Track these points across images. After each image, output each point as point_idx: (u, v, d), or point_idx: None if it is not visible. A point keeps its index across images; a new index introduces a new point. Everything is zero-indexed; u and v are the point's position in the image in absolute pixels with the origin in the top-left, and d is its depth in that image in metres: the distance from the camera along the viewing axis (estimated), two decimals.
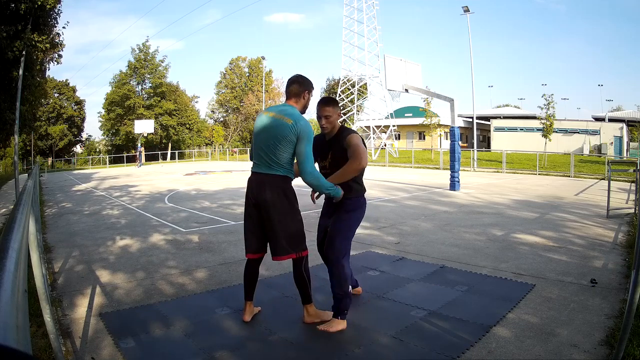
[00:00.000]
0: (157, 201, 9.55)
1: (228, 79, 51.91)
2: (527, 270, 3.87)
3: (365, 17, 30.80)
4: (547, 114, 21.52)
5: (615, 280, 3.55)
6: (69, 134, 43.49)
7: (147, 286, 3.63)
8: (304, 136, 2.53)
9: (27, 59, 8.94)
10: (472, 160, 19.69)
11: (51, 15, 9.51)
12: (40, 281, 2.09)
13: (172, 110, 41.78)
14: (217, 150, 41.33)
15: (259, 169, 2.63)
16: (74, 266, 4.31)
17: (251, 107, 46.78)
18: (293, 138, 2.52)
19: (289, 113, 2.58)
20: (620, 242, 5.00)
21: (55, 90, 41.71)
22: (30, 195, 2.73)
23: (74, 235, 5.93)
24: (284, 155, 2.56)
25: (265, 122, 2.61)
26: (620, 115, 35.88)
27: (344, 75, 32.94)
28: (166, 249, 4.97)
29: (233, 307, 3.11)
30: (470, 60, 35.98)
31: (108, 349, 2.49)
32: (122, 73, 40.98)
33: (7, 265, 0.95)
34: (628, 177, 13.53)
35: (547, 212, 7.22)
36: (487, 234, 5.50)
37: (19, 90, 8.61)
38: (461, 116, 33.93)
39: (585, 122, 33.76)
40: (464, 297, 3.25)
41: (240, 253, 4.70)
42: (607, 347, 2.38)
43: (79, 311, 3.09)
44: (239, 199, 9.51)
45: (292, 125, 2.51)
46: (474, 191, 10.65)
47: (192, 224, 6.51)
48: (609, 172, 7.91)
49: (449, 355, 2.34)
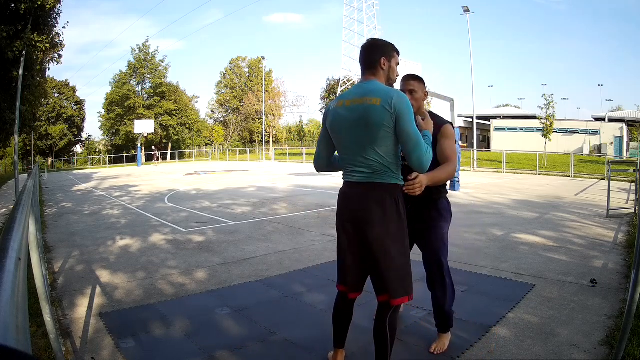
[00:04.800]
0: (157, 201, 9.55)
1: (228, 79, 51.92)
2: (527, 270, 3.87)
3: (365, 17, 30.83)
4: (547, 114, 21.56)
5: (615, 280, 3.55)
6: (69, 134, 43.49)
7: (147, 286, 3.63)
8: (404, 112, 1.82)
9: (27, 59, 8.94)
10: (472, 160, 19.69)
11: (51, 15, 9.51)
12: (40, 281, 2.09)
13: (172, 110, 41.79)
14: (217, 150, 41.34)
15: (356, 178, 1.95)
16: (74, 266, 4.31)
17: (251, 107, 46.76)
18: (390, 120, 1.82)
19: (371, 91, 1.89)
20: (620, 242, 5.00)
21: (55, 90, 41.70)
22: (30, 195, 2.73)
23: (74, 235, 5.93)
24: (389, 149, 1.88)
25: (345, 115, 1.93)
26: (620, 115, 35.88)
27: (344, 75, 32.97)
28: (166, 249, 4.97)
29: (233, 307, 3.11)
30: (470, 60, 36.00)
31: (108, 349, 2.49)
32: (122, 73, 40.99)
33: (7, 265, 0.95)
34: (628, 177, 13.51)
35: (547, 212, 7.22)
36: (487, 234, 5.49)
37: (19, 90, 8.61)
38: (461, 116, 33.92)
39: (585, 122, 33.76)
40: (464, 297, 3.24)
41: (239, 253, 4.70)
42: (607, 347, 2.38)
43: (79, 311, 3.09)
44: (239, 198, 9.52)
45: (384, 104, 1.83)
46: (474, 191, 10.65)
47: (192, 224, 6.51)
48: (609, 172, 7.91)
49: (449, 355, 2.34)
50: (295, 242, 5.22)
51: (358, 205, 1.93)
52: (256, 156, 36.23)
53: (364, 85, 1.96)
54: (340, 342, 2.20)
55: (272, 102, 46.18)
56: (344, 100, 1.97)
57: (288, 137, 52.85)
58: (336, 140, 2.03)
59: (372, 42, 2.06)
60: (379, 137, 1.85)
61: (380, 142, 1.86)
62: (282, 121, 51.75)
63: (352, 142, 1.93)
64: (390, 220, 1.90)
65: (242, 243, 5.18)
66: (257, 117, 47.53)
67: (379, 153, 1.88)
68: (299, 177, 15.83)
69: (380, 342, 1.98)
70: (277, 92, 47.74)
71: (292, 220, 6.77)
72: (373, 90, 1.89)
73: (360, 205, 1.92)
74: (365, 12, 30.85)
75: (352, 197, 1.97)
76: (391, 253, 1.90)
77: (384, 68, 1.99)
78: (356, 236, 1.96)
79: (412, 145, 1.84)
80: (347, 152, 1.98)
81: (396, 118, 1.83)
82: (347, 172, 2.01)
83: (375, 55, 1.98)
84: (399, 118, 1.82)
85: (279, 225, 6.30)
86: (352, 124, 1.91)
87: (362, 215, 1.91)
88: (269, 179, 15.04)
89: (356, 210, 1.94)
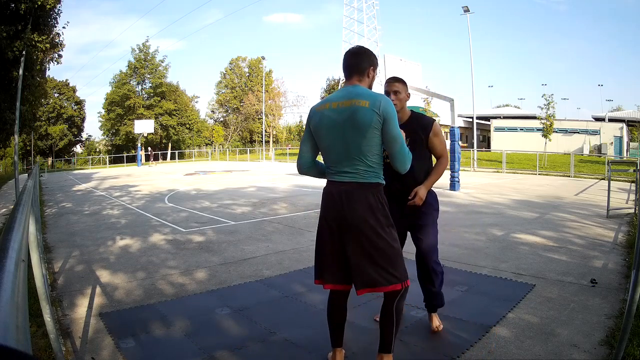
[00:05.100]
0: (157, 201, 9.55)
1: (228, 79, 51.91)
2: (527, 270, 3.87)
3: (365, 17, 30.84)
4: (547, 114, 21.55)
5: (615, 280, 3.55)
6: (69, 134, 43.47)
7: (147, 286, 3.63)
8: (391, 116, 1.93)
9: (27, 59, 8.94)
10: (472, 160, 19.70)
11: (51, 15, 9.52)
12: (40, 281, 2.09)
13: (172, 110, 41.79)
14: (217, 150, 41.34)
15: (341, 177, 2.01)
16: (74, 266, 4.31)
17: (251, 107, 46.76)
18: (378, 123, 1.92)
19: (359, 94, 1.97)
20: (620, 242, 5.00)
21: (55, 90, 41.68)
22: (30, 195, 2.73)
23: (74, 235, 5.93)
24: (373, 150, 1.96)
25: (332, 116, 1.99)
26: (620, 115, 35.88)
27: None
28: (166, 249, 4.97)
29: (233, 307, 3.11)
30: (470, 60, 36.00)
31: (108, 349, 2.49)
32: (122, 73, 40.99)
33: (7, 265, 0.95)
34: (628, 177, 13.52)
35: (547, 212, 7.22)
36: (487, 234, 5.49)
37: (19, 90, 8.61)
38: (461, 116, 33.92)
39: (585, 122, 33.77)
40: (464, 297, 3.25)
41: (239, 253, 4.70)
42: (607, 347, 2.38)
43: (79, 311, 3.09)
44: (239, 198, 9.52)
45: (372, 107, 1.92)
46: (474, 191, 10.65)
47: (192, 224, 6.51)
48: (609, 172, 7.91)
49: (449, 355, 2.34)
50: (295, 242, 5.22)
51: (343, 205, 1.97)
52: (256, 156, 36.24)
53: (350, 89, 2.02)
54: (338, 341, 2.20)
55: (272, 102, 46.18)
56: (330, 102, 2.02)
57: (288, 137, 52.85)
58: (321, 141, 2.06)
59: (362, 50, 2.11)
60: (366, 138, 1.93)
61: (366, 142, 1.94)
62: (282, 121, 51.81)
63: (338, 142, 1.98)
64: (376, 216, 1.96)
65: (242, 243, 5.18)
66: (257, 117, 47.52)
67: (364, 153, 1.95)
68: (299, 177, 15.83)
69: (388, 326, 2.06)
70: (277, 92, 47.73)
71: (292, 220, 6.77)
72: (361, 93, 1.97)
73: (346, 205, 1.97)
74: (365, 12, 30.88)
75: (337, 197, 2.00)
76: (381, 244, 1.96)
77: (369, 77, 2.08)
78: (340, 234, 2.00)
79: (398, 148, 1.97)
80: (332, 153, 2.02)
81: (384, 121, 1.93)
82: (331, 172, 2.06)
83: (365, 63, 2.06)
84: (386, 121, 1.93)
85: (279, 225, 6.30)
86: (340, 125, 1.96)
87: (348, 214, 1.96)
88: (269, 179, 15.05)
89: (340, 210, 1.98)
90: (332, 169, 2.05)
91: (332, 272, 2.07)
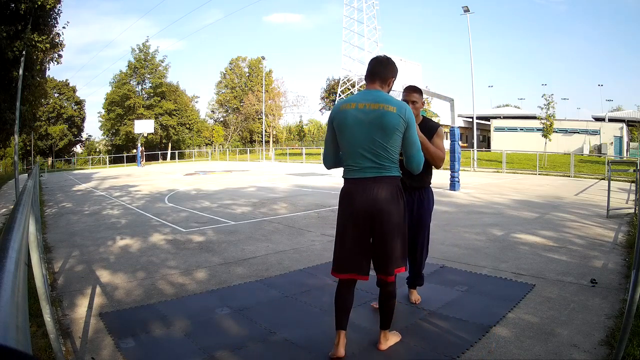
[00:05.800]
0: (157, 201, 9.55)
1: (228, 79, 51.91)
2: (527, 270, 3.87)
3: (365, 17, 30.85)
4: (547, 114, 21.54)
5: (615, 280, 3.55)
6: (69, 134, 43.47)
7: (147, 286, 3.63)
8: (412, 123, 2.24)
9: (27, 59, 8.94)
10: (472, 160, 19.69)
11: (51, 15, 9.52)
12: (40, 281, 2.09)
13: (172, 110, 41.78)
14: (217, 150, 41.34)
15: (363, 174, 2.21)
16: (74, 266, 4.31)
17: (251, 107, 46.77)
18: (402, 127, 2.19)
19: (386, 100, 2.21)
20: (620, 242, 5.00)
21: (55, 90, 41.67)
22: (30, 195, 2.73)
23: (74, 235, 5.93)
24: (395, 149, 2.22)
25: (358, 115, 2.19)
26: (620, 115, 35.89)
27: (344, 75, 32.99)
28: (166, 249, 4.97)
29: (233, 307, 3.11)
30: (470, 60, 35.98)
31: (108, 349, 2.49)
32: (122, 73, 40.99)
33: (7, 265, 0.95)
34: (628, 177, 13.52)
35: (547, 212, 7.22)
36: (487, 234, 5.49)
37: (19, 90, 8.61)
38: (461, 116, 33.92)
39: (585, 122, 33.77)
40: (464, 297, 3.25)
41: (240, 253, 4.70)
42: (607, 347, 2.38)
43: (79, 311, 3.09)
44: (239, 198, 9.52)
45: (399, 113, 2.17)
46: (474, 191, 10.65)
47: (192, 224, 6.51)
48: (609, 172, 7.91)
49: (449, 355, 2.34)
50: (295, 242, 5.22)
51: (372, 196, 2.19)
52: (256, 156, 36.23)
53: (375, 94, 2.25)
54: (342, 324, 2.34)
55: (272, 102, 46.18)
56: (356, 102, 2.23)
57: (288, 137, 52.86)
58: (344, 137, 2.25)
59: (390, 61, 2.36)
60: (391, 139, 2.18)
61: (391, 143, 2.19)
62: (282, 121, 51.80)
63: (363, 140, 2.19)
64: (399, 206, 2.24)
65: (242, 243, 5.18)
66: (257, 117, 47.51)
67: (388, 151, 2.19)
68: (299, 177, 15.84)
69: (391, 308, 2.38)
70: (277, 92, 47.74)
71: (292, 220, 6.77)
72: (388, 99, 2.22)
73: (374, 196, 2.19)
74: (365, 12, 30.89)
75: (363, 191, 2.21)
76: (400, 235, 2.25)
77: (389, 85, 2.36)
78: (367, 225, 2.22)
79: (415, 150, 2.27)
80: (355, 149, 2.21)
81: (407, 126, 2.21)
82: (353, 169, 2.24)
83: (389, 73, 2.33)
84: (409, 127, 2.22)
85: (279, 225, 6.30)
86: (366, 124, 2.18)
87: (378, 205, 2.19)
88: (269, 179, 15.04)
89: (370, 200, 2.19)
90: (354, 166, 2.24)
91: (353, 263, 2.27)
